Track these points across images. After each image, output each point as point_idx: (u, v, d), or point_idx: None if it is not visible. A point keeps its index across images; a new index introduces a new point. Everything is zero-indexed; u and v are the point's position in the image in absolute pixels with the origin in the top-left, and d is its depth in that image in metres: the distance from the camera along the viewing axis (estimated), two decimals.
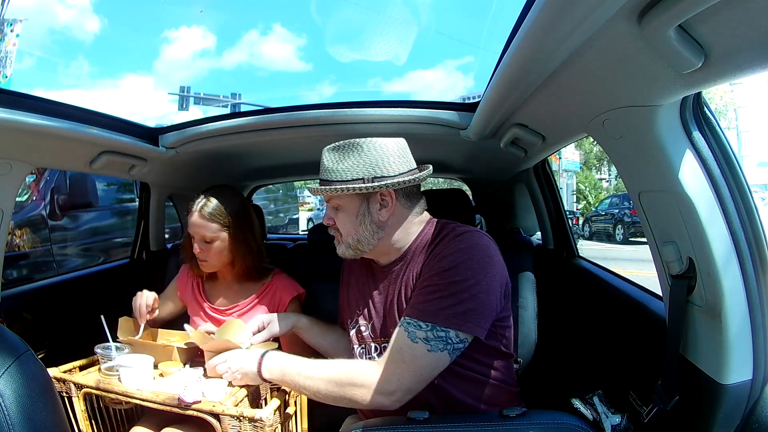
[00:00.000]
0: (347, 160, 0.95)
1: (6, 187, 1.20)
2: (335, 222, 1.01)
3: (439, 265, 0.89)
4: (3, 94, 0.99)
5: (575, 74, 0.75)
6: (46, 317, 1.46)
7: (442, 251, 0.90)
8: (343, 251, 1.02)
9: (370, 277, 1.07)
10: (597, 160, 20.91)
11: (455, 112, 1.24)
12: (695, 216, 0.74)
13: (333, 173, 0.96)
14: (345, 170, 0.95)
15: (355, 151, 0.95)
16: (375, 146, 0.96)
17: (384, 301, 1.01)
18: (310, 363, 0.96)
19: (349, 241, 1.00)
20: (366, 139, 0.96)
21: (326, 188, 0.96)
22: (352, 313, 1.09)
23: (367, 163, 0.94)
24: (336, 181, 0.96)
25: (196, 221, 1.28)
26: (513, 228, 1.98)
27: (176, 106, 16.18)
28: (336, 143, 0.98)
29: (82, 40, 49.29)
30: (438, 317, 0.84)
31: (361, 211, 0.97)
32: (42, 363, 0.72)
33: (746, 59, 0.55)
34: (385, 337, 0.99)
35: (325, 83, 72.52)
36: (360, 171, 0.94)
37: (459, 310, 0.84)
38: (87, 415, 1.10)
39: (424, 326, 0.84)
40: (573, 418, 0.72)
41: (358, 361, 1.00)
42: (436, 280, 0.87)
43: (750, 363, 0.76)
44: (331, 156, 0.98)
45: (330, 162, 0.97)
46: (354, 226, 0.98)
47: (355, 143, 0.96)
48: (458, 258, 0.87)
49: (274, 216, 7.92)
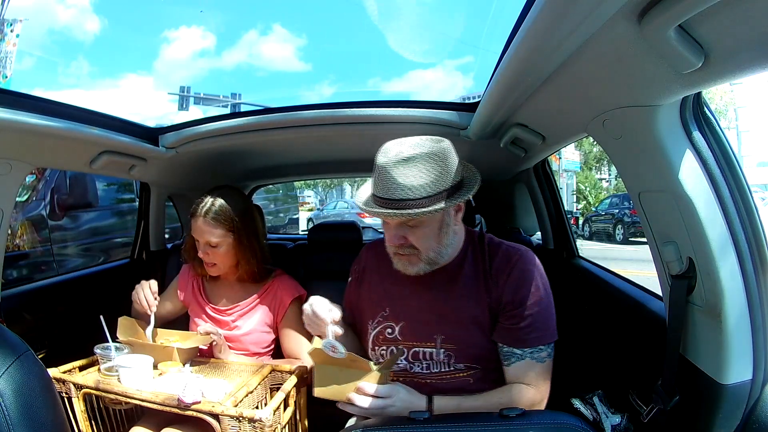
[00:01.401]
0: (424, 173, 0.86)
1: (6, 187, 1.20)
2: (408, 239, 0.92)
3: (525, 291, 0.96)
4: (3, 94, 0.99)
5: (575, 74, 0.75)
6: (46, 317, 1.46)
7: (517, 274, 0.96)
8: (420, 269, 0.95)
9: (404, 278, 1.00)
10: (597, 160, 20.90)
11: (455, 112, 1.24)
12: (695, 216, 0.74)
13: (415, 190, 0.85)
14: (429, 185, 0.86)
15: (429, 159, 0.86)
16: (443, 149, 0.88)
17: (423, 305, 1.00)
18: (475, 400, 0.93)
19: (431, 255, 0.93)
20: (423, 141, 0.89)
21: (419, 211, 0.85)
22: (374, 313, 1.05)
23: (445, 170, 0.87)
24: (423, 198, 0.85)
25: (201, 226, 1.27)
26: (513, 228, 1.98)
27: (176, 106, 16.23)
28: (396, 157, 0.86)
29: (82, 40, 49.49)
30: (546, 336, 0.96)
31: (445, 221, 0.93)
32: (42, 363, 0.72)
33: (746, 59, 0.55)
34: (418, 341, 0.98)
35: (325, 83, 72.62)
36: (443, 181, 0.87)
37: (552, 324, 0.97)
38: (87, 416, 1.10)
39: (544, 348, 0.96)
40: (573, 418, 0.72)
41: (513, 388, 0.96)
42: (532, 309, 0.95)
43: (750, 363, 0.76)
44: (405, 171, 0.85)
45: (407, 178, 0.85)
46: (437, 240, 0.93)
47: (420, 155, 0.86)
48: (534, 280, 0.97)
49: (274, 216, 7.92)
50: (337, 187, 27.55)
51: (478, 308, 0.97)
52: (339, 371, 0.87)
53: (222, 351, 1.26)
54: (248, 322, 1.34)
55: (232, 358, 1.28)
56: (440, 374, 0.98)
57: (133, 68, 67.59)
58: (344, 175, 3.11)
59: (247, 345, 1.33)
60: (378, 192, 0.89)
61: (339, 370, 0.87)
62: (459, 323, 0.97)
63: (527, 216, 1.95)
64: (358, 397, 0.87)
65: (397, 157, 0.86)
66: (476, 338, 0.97)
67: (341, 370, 0.87)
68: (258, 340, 1.34)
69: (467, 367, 0.97)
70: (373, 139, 1.49)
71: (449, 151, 0.90)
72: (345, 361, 0.86)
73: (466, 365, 0.97)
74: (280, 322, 1.35)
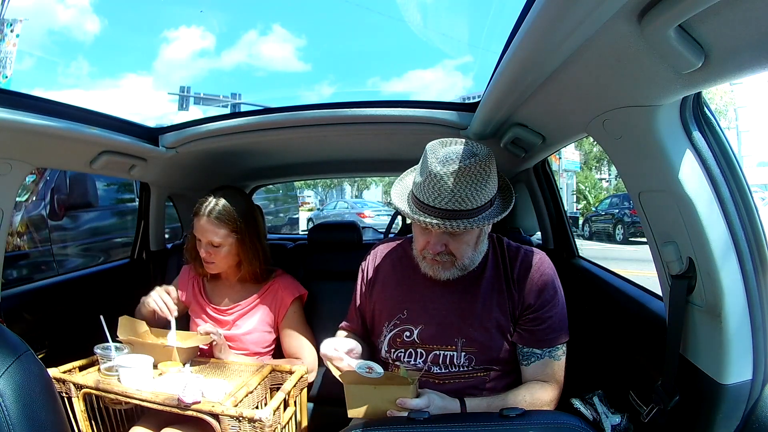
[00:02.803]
0: (478, 183, 0.87)
1: (6, 187, 1.20)
2: (448, 247, 0.93)
3: (547, 295, 1.00)
4: (3, 94, 0.99)
5: (575, 74, 0.75)
6: (46, 317, 1.45)
7: (538, 279, 1.00)
8: (451, 275, 0.96)
9: (423, 282, 1.02)
10: (597, 160, 20.90)
11: (455, 112, 1.23)
12: (695, 216, 0.74)
13: (468, 201, 0.87)
14: (479, 196, 0.88)
15: (480, 170, 0.87)
16: (488, 158, 0.89)
17: (444, 309, 1.00)
18: (502, 399, 0.94)
19: (465, 262, 0.96)
20: (472, 148, 0.90)
21: (473, 222, 0.87)
22: (391, 315, 1.05)
23: (491, 179, 0.89)
24: (474, 209, 0.87)
25: (204, 225, 1.27)
26: (513, 228, 1.98)
27: (176, 106, 16.22)
28: (450, 163, 0.86)
29: (82, 41, 49.58)
30: (563, 335, 1.01)
31: (484, 230, 0.96)
32: (42, 363, 0.72)
33: (746, 59, 0.55)
34: (438, 344, 0.99)
35: (324, 83, 72.65)
36: (490, 191, 0.89)
37: (566, 323, 1.02)
38: (87, 416, 1.10)
39: (561, 347, 1.00)
40: (573, 418, 0.72)
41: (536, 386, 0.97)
42: (552, 311, 0.99)
43: (750, 363, 0.76)
44: (459, 181, 0.86)
45: (460, 188, 0.86)
46: (474, 248, 0.95)
47: (472, 160, 0.86)
48: (553, 283, 1.01)
49: (274, 216, 7.91)
50: (337, 187, 27.55)
51: (499, 312, 0.99)
52: (372, 389, 0.87)
53: (222, 351, 1.26)
54: (249, 321, 1.34)
55: (232, 358, 1.28)
56: (458, 374, 0.99)
57: (132, 68, 67.76)
58: (344, 175, 3.11)
59: (248, 345, 1.33)
60: (428, 200, 0.88)
61: (372, 389, 0.87)
62: (480, 327, 0.98)
63: (527, 216, 1.95)
64: (398, 414, 0.86)
65: (450, 167, 0.86)
66: (497, 341, 0.98)
67: (375, 388, 0.87)
68: (258, 340, 1.34)
69: (486, 369, 0.99)
70: (373, 139, 1.50)
71: (492, 160, 0.90)
72: (381, 380, 0.86)
73: (485, 366, 0.99)
74: (281, 321, 1.35)
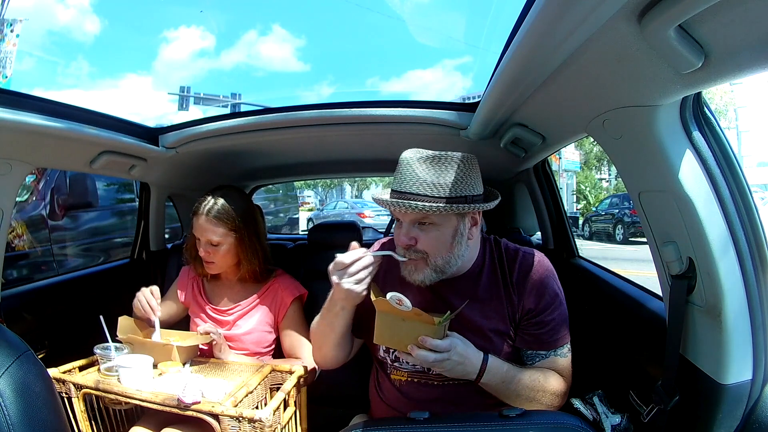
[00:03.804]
0: (448, 174, 0.87)
1: (6, 187, 1.20)
2: (418, 242, 0.91)
3: (548, 298, 0.98)
4: (3, 94, 0.99)
5: (575, 74, 0.75)
6: (46, 317, 1.46)
7: (538, 282, 0.98)
8: (425, 277, 0.92)
9: (413, 288, 0.98)
10: (597, 160, 20.90)
11: (455, 112, 1.23)
12: (695, 216, 0.74)
13: (436, 188, 0.87)
14: (448, 186, 0.87)
15: (452, 165, 0.88)
16: (467, 162, 0.90)
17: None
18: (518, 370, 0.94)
19: (438, 262, 0.92)
20: (451, 153, 0.90)
21: (431, 206, 0.85)
22: None
23: (466, 179, 0.89)
24: (439, 197, 0.87)
25: (203, 224, 1.27)
26: (513, 228, 1.98)
27: (176, 106, 16.22)
28: (424, 154, 0.89)
29: (82, 41, 49.55)
30: (566, 335, 1.00)
31: (459, 230, 0.91)
32: (42, 363, 0.72)
33: (746, 59, 0.55)
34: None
35: (324, 83, 72.48)
36: (462, 188, 0.88)
37: (568, 323, 1.01)
38: (87, 416, 1.10)
39: (566, 345, 1.00)
40: (573, 418, 0.72)
41: (548, 373, 0.97)
42: (554, 314, 0.98)
43: (750, 363, 0.76)
44: (428, 168, 0.87)
45: (429, 175, 0.87)
46: (447, 247, 0.91)
47: (448, 156, 0.88)
48: (553, 285, 1.00)
49: (274, 216, 7.91)
50: (337, 187, 27.55)
51: (498, 317, 0.97)
52: (401, 321, 0.88)
53: (222, 351, 1.25)
54: (249, 321, 1.34)
55: (232, 357, 1.27)
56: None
57: (132, 68, 67.59)
58: (344, 175, 3.11)
59: (248, 345, 1.33)
60: (395, 185, 0.91)
61: (401, 321, 0.88)
62: (479, 332, 0.96)
63: (527, 216, 1.95)
64: (419, 350, 0.86)
65: (421, 154, 0.89)
66: (497, 346, 0.97)
67: (403, 320, 0.88)
68: (258, 340, 1.34)
69: None
70: (373, 139, 1.50)
71: (471, 163, 0.91)
72: (409, 314, 0.86)
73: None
74: (281, 321, 1.35)
